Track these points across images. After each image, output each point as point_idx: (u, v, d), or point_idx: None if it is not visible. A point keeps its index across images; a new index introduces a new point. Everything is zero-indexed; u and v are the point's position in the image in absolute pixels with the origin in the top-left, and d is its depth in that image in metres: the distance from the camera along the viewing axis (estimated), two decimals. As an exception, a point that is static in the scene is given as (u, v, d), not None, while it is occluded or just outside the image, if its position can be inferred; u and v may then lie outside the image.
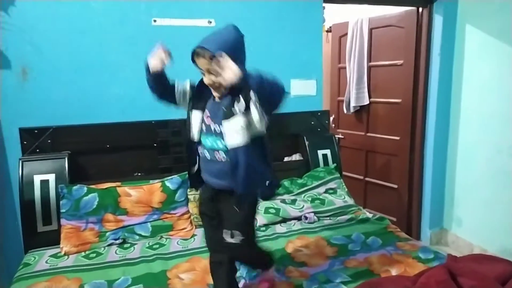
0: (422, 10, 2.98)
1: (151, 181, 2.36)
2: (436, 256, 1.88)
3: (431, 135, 3.05)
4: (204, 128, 1.57)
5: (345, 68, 3.54)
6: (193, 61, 1.53)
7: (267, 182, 1.59)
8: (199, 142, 1.59)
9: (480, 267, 1.27)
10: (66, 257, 2.02)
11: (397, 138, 3.25)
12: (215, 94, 1.55)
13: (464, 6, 2.86)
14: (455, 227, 3.07)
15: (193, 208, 2.35)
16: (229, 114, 1.44)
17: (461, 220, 3.03)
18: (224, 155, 1.51)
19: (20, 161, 2.21)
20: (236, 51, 1.43)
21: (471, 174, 2.92)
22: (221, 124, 1.48)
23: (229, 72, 1.32)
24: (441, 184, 3.12)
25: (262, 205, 2.41)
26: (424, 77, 3.03)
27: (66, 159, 2.27)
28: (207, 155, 1.56)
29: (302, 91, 2.86)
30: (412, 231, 3.19)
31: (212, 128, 1.53)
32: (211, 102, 1.57)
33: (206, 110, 1.57)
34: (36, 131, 2.30)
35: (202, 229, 2.30)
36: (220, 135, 1.50)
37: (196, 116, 1.58)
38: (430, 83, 3.03)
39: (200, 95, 1.60)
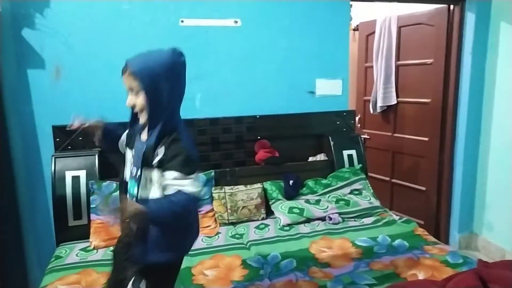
0: (454, 7, 2.89)
1: (177, 179, 2.39)
2: (466, 261, 1.82)
3: (462, 136, 2.96)
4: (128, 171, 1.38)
5: (372, 67, 3.48)
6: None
7: None
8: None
9: (513, 273, 1.22)
10: (95, 251, 2.08)
11: (426, 139, 3.17)
12: (141, 120, 1.38)
13: (498, 3, 2.75)
14: (486, 231, 2.97)
15: (217, 206, 2.38)
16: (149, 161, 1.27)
17: (492, 224, 2.92)
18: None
19: (53, 158, 2.29)
20: (160, 77, 1.28)
21: (504, 177, 2.81)
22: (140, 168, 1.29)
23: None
24: (472, 187, 3.02)
25: (286, 204, 2.41)
26: (455, 77, 2.94)
27: (97, 156, 2.34)
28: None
29: (328, 90, 2.83)
30: (440, 235, 3.10)
31: (134, 172, 1.34)
32: (138, 139, 1.41)
33: (133, 149, 1.39)
34: (68, 129, 2.37)
35: (226, 227, 2.34)
36: (138, 180, 1.30)
37: (128, 155, 1.43)
38: (461, 83, 2.93)
39: (131, 129, 1.44)
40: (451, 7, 2.90)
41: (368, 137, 3.62)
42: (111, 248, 2.09)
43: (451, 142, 3.02)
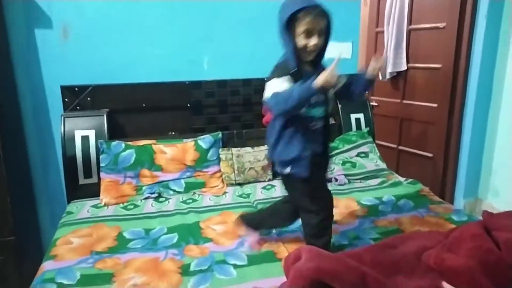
0: (469, -32, 2.79)
1: (184, 140, 2.42)
2: (470, 219, 1.85)
3: (472, 102, 2.92)
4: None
5: (382, 32, 3.40)
6: (288, 23, 1.42)
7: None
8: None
9: (518, 222, 1.24)
10: (105, 207, 2.14)
11: (435, 105, 3.13)
12: (307, 58, 1.50)
13: (516, -37, 2.65)
14: (491, 197, 2.97)
15: (224, 167, 2.41)
16: None
17: (497, 190, 2.93)
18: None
19: (62, 118, 2.32)
20: None
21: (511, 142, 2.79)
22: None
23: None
24: (479, 153, 3.01)
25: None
26: (467, 41, 2.87)
27: (105, 116, 2.36)
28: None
29: (337, 53, 2.78)
30: (445, 200, 3.11)
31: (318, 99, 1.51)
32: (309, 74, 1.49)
33: None
34: (76, 89, 2.39)
35: (233, 187, 2.37)
36: (325, 102, 1.55)
37: None
38: (473, 47, 2.86)
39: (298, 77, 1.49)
40: (467, -33, 2.80)
41: (377, 104, 3.59)
42: (121, 205, 2.15)
43: (461, 108, 2.98)
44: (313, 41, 1.44)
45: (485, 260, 1.04)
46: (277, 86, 1.42)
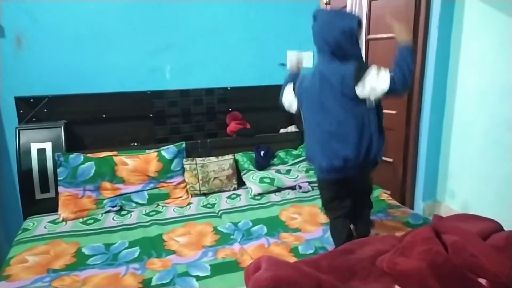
0: (422, -19, 2.93)
1: (147, 151, 2.38)
2: (425, 222, 1.92)
3: (427, 108, 3.04)
4: None
5: (343, 41, 3.50)
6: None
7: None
8: None
9: (464, 224, 1.30)
10: (64, 223, 2.07)
11: (394, 112, 3.24)
12: None
13: (464, -24, 2.81)
14: (448, 199, 3.10)
15: (189, 177, 2.39)
16: None
17: (454, 192, 3.06)
18: None
19: (17, 130, 2.23)
20: None
21: (467, 147, 2.93)
22: None
23: None
24: (436, 158, 3.14)
25: (257, 175, 2.44)
26: (422, 50, 3.00)
27: (63, 128, 2.29)
28: None
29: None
30: (405, 203, 3.22)
31: None
32: None
33: None
34: (32, 100, 2.31)
35: (198, 197, 2.36)
36: None
37: None
38: (427, 56, 3.00)
39: None
40: (420, -20, 2.93)
41: (339, 111, 3.67)
42: (81, 220, 2.09)
43: (417, 115, 3.11)
44: None
45: (434, 262, 1.09)
46: (381, 72, 1.56)
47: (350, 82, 1.52)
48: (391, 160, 3.33)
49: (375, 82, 1.54)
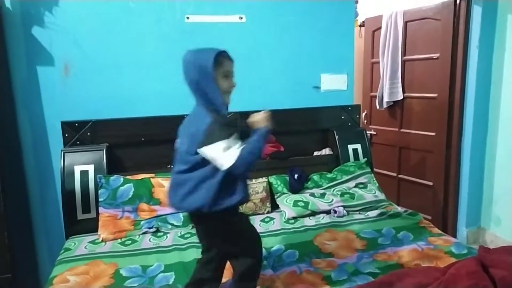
0: (460, 1, 2.88)
1: (183, 173, 2.42)
2: (470, 252, 1.81)
3: (469, 130, 2.94)
4: None
5: (378, 63, 3.48)
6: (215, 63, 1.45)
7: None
8: None
9: (514, 259, 1.22)
10: (103, 243, 2.12)
11: (433, 134, 3.15)
12: (227, 101, 1.54)
13: (505, -4, 2.73)
14: (494, 226, 2.94)
15: (223, 200, 2.40)
16: None
17: (500, 219, 2.90)
18: None
19: (62, 153, 2.34)
20: None
21: (511, 171, 2.79)
22: None
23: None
24: (479, 182, 3.00)
25: (291, 198, 2.42)
26: (461, 71, 2.92)
27: (104, 151, 2.38)
28: None
29: (333, 85, 2.84)
30: (447, 229, 3.08)
31: None
32: None
33: None
34: (76, 124, 2.43)
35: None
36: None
37: None
38: (467, 77, 2.92)
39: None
40: (458, 0, 2.88)
41: (375, 133, 3.61)
42: (119, 240, 2.14)
43: (458, 137, 3.00)
44: (232, 81, 1.51)
45: (482, 300, 1.03)
46: (230, 149, 1.35)
47: (198, 140, 1.39)
48: (431, 183, 3.21)
49: (217, 156, 1.37)
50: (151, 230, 2.23)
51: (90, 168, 2.34)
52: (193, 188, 1.43)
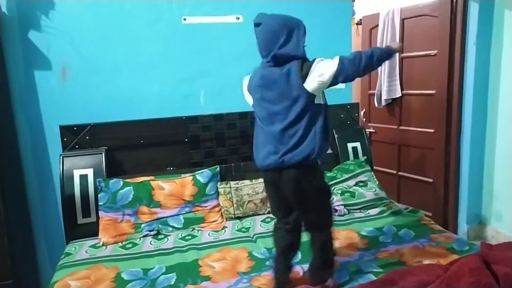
0: (457, -3, 2.87)
1: (182, 175, 2.42)
2: (471, 248, 1.81)
3: (468, 126, 2.94)
4: None
5: (376, 60, 3.46)
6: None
7: None
8: None
9: (516, 254, 1.22)
10: (104, 247, 2.12)
11: (432, 130, 3.15)
12: None
13: (501, -9, 2.73)
14: (495, 221, 2.94)
15: (223, 201, 2.40)
16: None
17: (501, 214, 2.90)
18: None
19: (61, 157, 2.33)
20: None
21: (511, 166, 2.78)
22: None
23: None
24: (479, 178, 3.00)
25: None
26: (459, 67, 2.92)
27: (104, 154, 2.38)
28: None
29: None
30: (448, 226, 3.08)
31: None
32: None
33: None
34: (75, 128, 2.42)
35: (232, 221, 2.36)
36: None
37: None
38: (465, 73, 2.91)
39: None
40: (454, -3, 2.88)
41: (374, 131, 3.61)
42: (120, 244, 2.14)
43: (457, 133, 3.00)
44: None
45: (485, 297, 1.02)
46: (327, 59, 1.55)
47: (296, 79, 1.52)
48: (431, 180, 3.21)
49: (322, 67, 1.52)
50: (152, 233, 2.23)
51: (90, 172, 2.33)
52: (300, 139, 1.52)
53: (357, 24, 3.84)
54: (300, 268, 1.78)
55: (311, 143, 1.53)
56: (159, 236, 2.21)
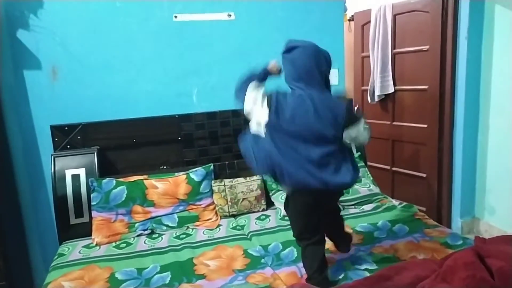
0: (448, -8, 2.88)
1: (176, 174, 2.41)
2: (465, 242, 1.83)
3: (460, 121, 2.95)
4: None
5: (368, 57, 3.48)
6: None
7: None
8: None
9: (510, 248, 1.22)
10: (97, 247, 2.10)
11: (425, 126, 3.16)
12: None
13: (492, -14, 2.74)
14: (488, 215, 2.96)
15: (218, 199, 2.39)
16: None
17: (494, 208, 2.92)
18: None
19: (52, 157, 2.30)
20: None
21: (504, 161, 2.81)
22: None
23: None
24: (472, 172, 3.02)
25: (285, 195, 2.41)
26: (451, 62, 2.93)
27: (96, 154, 2.35)
28: None
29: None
30: (442, 220, 3.10)
31: None
32: None
33: None
34: (66, 128, 2.39)
35: (227, 219, 2.35)
36: None
37: None
38: (457, 68, 2.92)
39: None
40: (445, -8, 2.88)
41: (367, 126, 3.61)
42: (113, 244, 2.12)
43: (450, 128, 3.02)
44: None
45: (479, 290, 1.03)
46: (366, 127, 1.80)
47: (341, 123, 1.62)
48: (424, 175, 3.23)
49: (361, 134, 1.71)
50: (146, 232, 2.21)
51: (82, 172, 2.31)
52: (339, 164, 1.64)
53: (349, 20, 3.83)
54: (296, 268, 1.78)
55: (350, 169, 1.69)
56: (153, 235, 2.20)
